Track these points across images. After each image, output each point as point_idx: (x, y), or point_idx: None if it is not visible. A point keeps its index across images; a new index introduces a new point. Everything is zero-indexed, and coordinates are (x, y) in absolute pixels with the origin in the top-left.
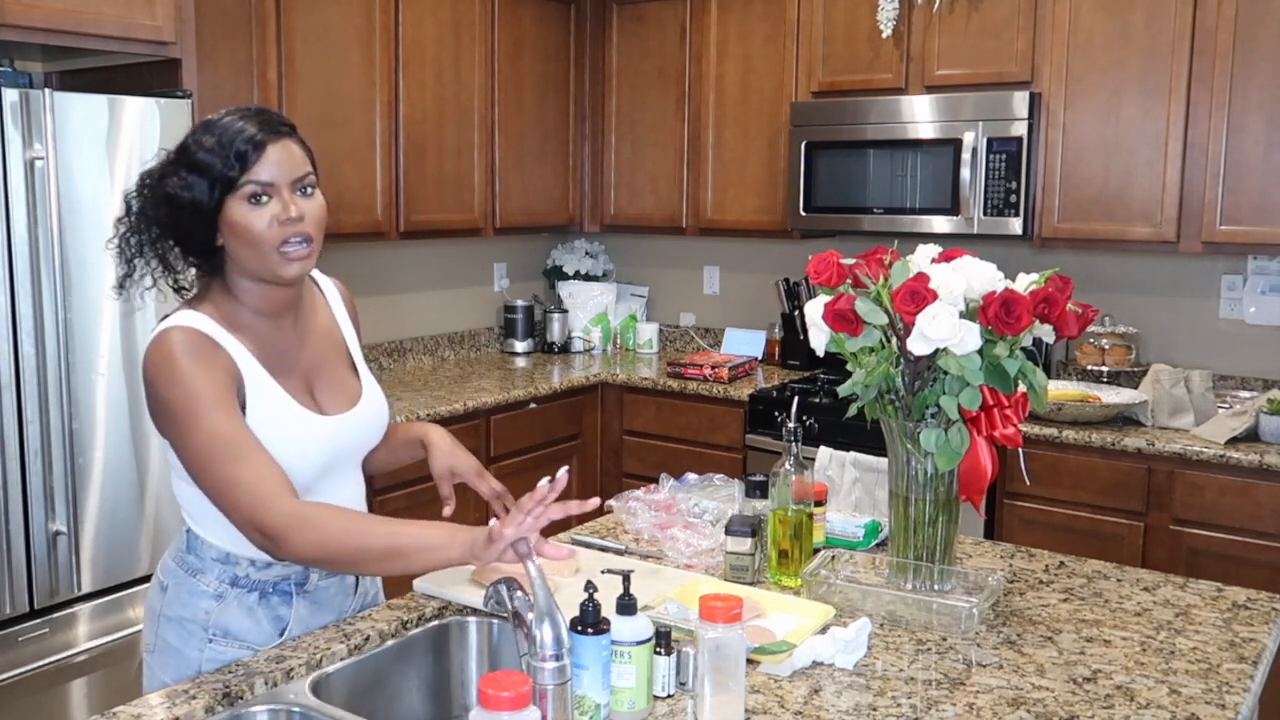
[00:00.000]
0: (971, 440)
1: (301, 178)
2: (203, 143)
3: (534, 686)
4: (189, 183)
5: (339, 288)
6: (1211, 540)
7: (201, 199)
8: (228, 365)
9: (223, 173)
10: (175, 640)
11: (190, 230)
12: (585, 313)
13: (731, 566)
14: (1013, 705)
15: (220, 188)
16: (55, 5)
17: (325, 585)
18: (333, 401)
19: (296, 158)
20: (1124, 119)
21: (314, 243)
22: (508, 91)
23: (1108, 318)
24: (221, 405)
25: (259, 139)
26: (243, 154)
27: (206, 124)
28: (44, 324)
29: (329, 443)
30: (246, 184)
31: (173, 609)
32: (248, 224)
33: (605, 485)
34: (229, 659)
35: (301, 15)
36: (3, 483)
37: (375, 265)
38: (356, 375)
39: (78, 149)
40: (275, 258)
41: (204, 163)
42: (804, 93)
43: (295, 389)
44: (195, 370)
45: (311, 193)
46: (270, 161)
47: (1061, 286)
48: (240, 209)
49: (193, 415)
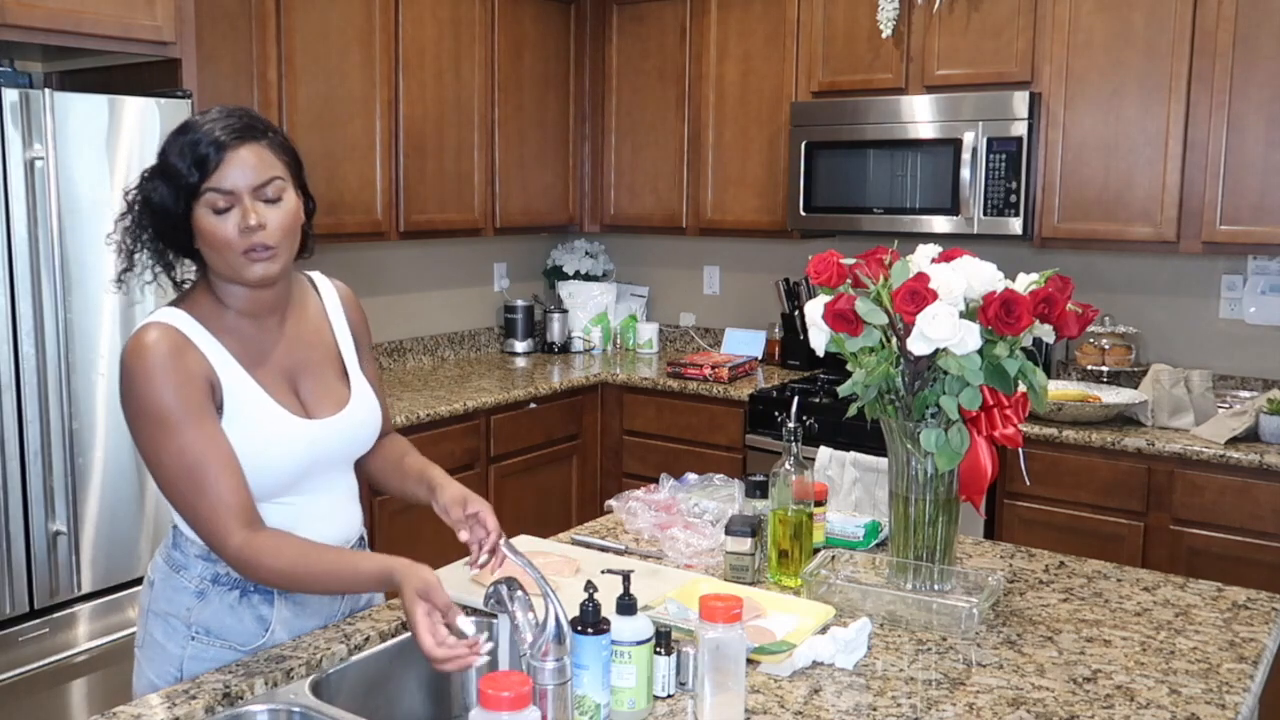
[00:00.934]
0: (971, 440)
1: (264, 184)
2: (173, 146)
3: (534, 686)
4: (157, 188)
5: (341, 291)
6: (1211, 540)
7: (169, 204)
8: (201, 369)
9: (185, 179)
10: (160, 636)
11: (169, 232)
12: (585, 313)
13: (731, 566)
14: (1013, 705)
15: (184, 195)
16: (55, 5)
17: None
18: (319, 404)
19: (263, 162)
20: (1124, 119)
21: (279, 247)
22: (508, 91)
23: (1108, 318)
24: (190, 421)
25: (222, 142)
26: (203, 159)
27: (184, 125)
28: (44, 324)
29: (310, 445)
30: (207, 191)
31: (159, 604)
32: (212, 231)
33: (605, 485)
34: (210, 657)
35: (301, 15)
36: (3, 483)
37: (375, 265)
38: (347, 379)
39: (78, 149)
40: (240, 261)
41: (172, 168)
42: (804, 93)
43: (277, 390)
44: (167, 380)
45: (277, 198)
46: (231, 168)
47: (1061, 286)
48: (204, 216)
49: (162, 433)
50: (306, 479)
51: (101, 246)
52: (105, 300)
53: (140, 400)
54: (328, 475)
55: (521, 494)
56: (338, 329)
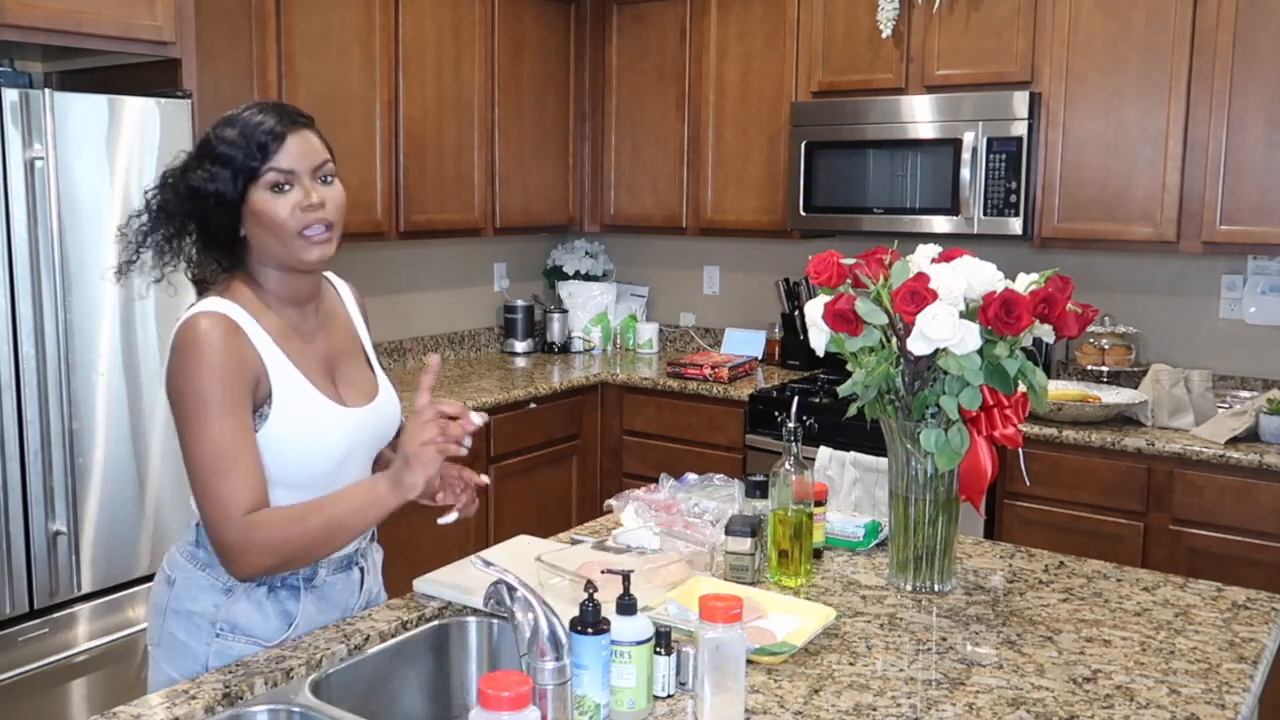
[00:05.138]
0: (971, 440)
1: (321, 165)
2: (224, 136)
3: (534, 686)
4: (213, 174)
5: (352, 289)
6: (1211, 540)
7: (225, 190)
8: (250, 357)
9: (245, 163)
10: (182, 634)
11: (215, 222)
12: (585, 313)
13: (731, 566)
14: (1013, 705)
15: (243, 177)
16: (55, 5)
17: (333, 581)
18: (352, 394)
19: (316, 147)
20: (1124, 119)
21: (335, 229)
22: (508, 91)
23: (1108, 318)
24: (229, 410)
25: (278, 129)
26: (264, 144)
27: (227, 119)
28: (44, 324)
29: (348, 434)
30: (269, 172)
31: (180, 603)
32: (271, 211)
33: (605, 485)
34: (235, 653)
35: (301, 15)
36: (3, 483)
37: (375, 265)
38: (372, 371)
39: (78, 149)
40: (298, 243)
41: (226, 155)
42: (804, 93)
43: (318, 379)
44: (214, 366)
45: (331, 181)
46: (290, 151)
47: (1061, 286)
48: (263, 197)
49: (199, 418)
50: (342, 469)
51: (101, 246)
52: (105, 300)
53: (189, 381)
54: (359, 466)
55: (521, 494)
56: (359, 326)
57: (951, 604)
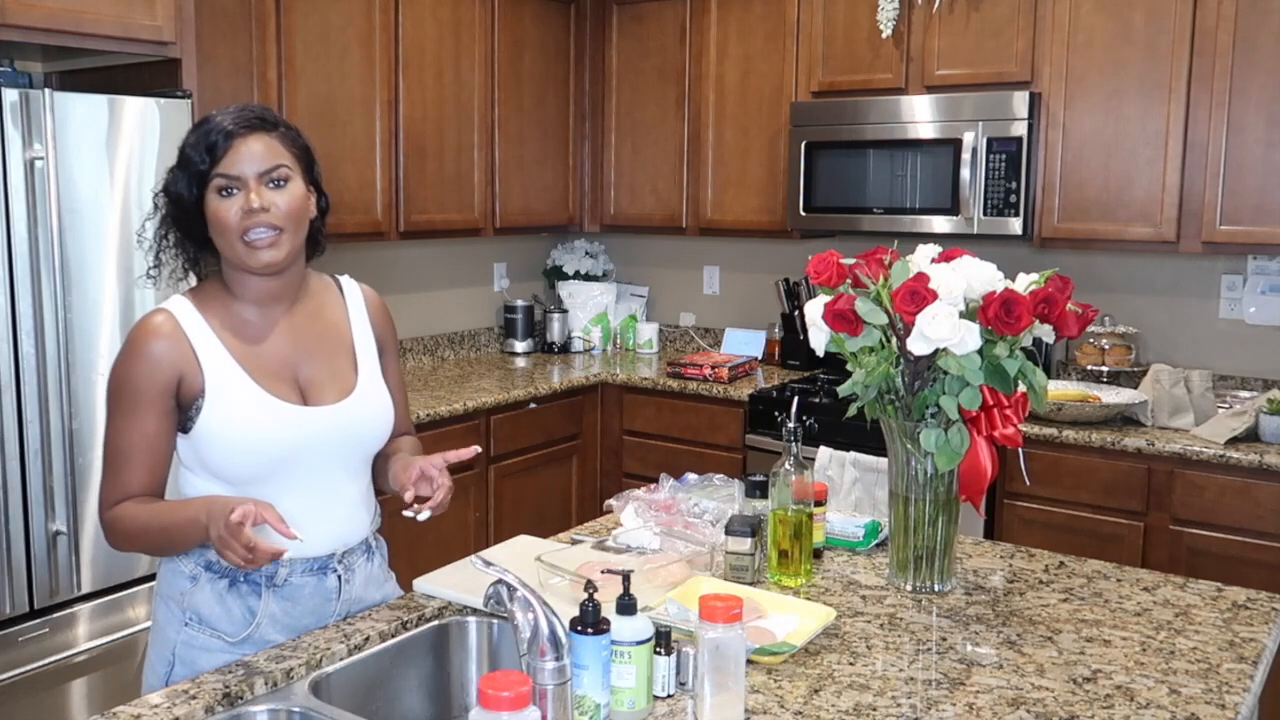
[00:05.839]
0: (971, 440)
1: (270, 170)
2: (188, 139)
3: (534, 686)
4: (175, 177)
5: (368, 295)
6: (1211, 540)
7: (184, 192)
8: (178, 358)
9: (197, 166)
10: (162, 619)
11: (185, 223)
12: (585, 313)
13: (731, 566)
14: (1013, 705)
15: (196, 181)
16: (55, 5)
17: (300, 583)
18: (320, 392)
19: (270, 151)
20: (1124, 119)
21: (285, 233)
22: (508, 91)
23: (1108, 318)
24: (131, 413)
25: (230, 131)
26: (212, 146)
27: (198, 121)
28: (44, 324)
29: (295, 431)
30: (215, 176)
31: (162, 587)
32: (216, 214)
33: (605, 485)
34: (200, 645)
35: (301, 15)
36: (3, 483)
37: (375, 265)
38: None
39: (78, 149)
40: (241, 247)
41: (186, 158)
42: (804, 93)
43: (266, 377)
44: (135, 365)
45: (283, 185)
46: (237, 154)
47: (1061, 286)
48: (212, 200)
49: (110, 414)
50: (296, 468)
51: (102, 246)
52: (105, 300)
53: (112, 379)
54: (324, 469)
55: (521, 494)
56: (356, 328)
57: (951, 604)
